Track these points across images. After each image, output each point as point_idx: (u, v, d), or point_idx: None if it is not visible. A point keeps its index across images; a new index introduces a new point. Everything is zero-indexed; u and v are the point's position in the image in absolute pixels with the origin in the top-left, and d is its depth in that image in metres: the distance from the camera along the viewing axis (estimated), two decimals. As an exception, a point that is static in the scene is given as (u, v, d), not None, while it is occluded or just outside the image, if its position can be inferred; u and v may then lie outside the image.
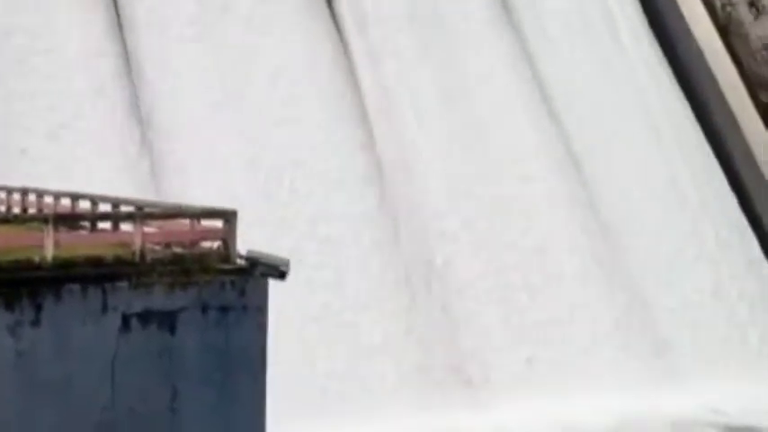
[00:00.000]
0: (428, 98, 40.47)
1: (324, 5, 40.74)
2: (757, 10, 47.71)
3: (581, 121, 42.76)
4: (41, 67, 35.53)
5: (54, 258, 19.34)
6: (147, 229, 20.65)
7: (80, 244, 20.66)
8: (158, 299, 19.60)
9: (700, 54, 46.59)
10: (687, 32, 46.80)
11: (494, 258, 38.55)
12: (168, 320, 19.63)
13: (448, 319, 36.94)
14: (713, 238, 43.07)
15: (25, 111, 34.68)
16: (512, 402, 35.25)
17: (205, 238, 21.04)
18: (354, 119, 39.00)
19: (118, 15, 37.42)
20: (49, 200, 25.94)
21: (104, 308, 19.26)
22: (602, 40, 45.35)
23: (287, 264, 20.36)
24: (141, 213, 21.32)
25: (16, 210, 26.99)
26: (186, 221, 21.40)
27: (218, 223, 21.01)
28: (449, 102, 40.83)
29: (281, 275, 20.38)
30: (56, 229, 19.69)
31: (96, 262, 19.61)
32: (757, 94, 46.98)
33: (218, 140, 36.55)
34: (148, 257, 19.98)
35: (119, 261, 19.80)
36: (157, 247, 20.78)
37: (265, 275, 20.36)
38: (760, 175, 45.09)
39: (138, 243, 20.05)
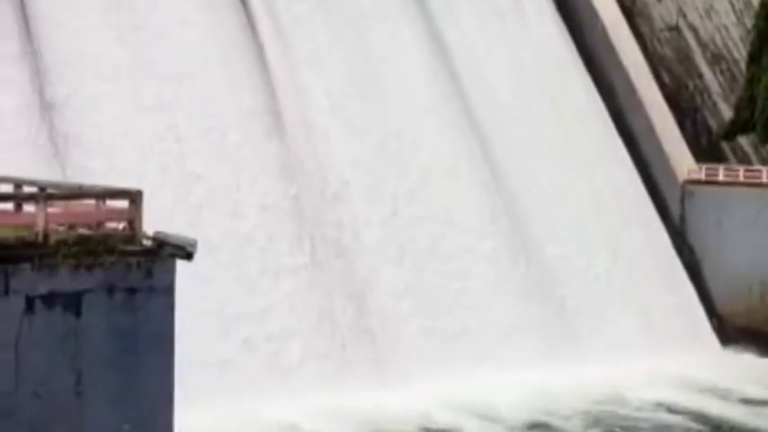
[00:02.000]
0: (338, 82, 40.43)
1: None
2: (661, -9, 48.47)
3: (487, 100, 43.13)
4: None
5: (-45, 240, 18.98)
6: (50, 210, 20.32)
7: (-18, 225, 20.25)
8: (63, 280, 19.31)
9: (605, 35, 47.14)
10: (593, 13, 47.31)
11: (403, 240, 38.83)
12: (73, 302, 19.35)
13: (357, 298, 37.08)
14: (616, 211, 43.98)
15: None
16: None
17: (110, 219, 20.76)
18: (264, 102, 38.79)
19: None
20: (-51, 180, 25.39)
21: (7, 290, 18.92)
22: (508, 21, 45.70)
23: (194, 244, 20.18)
24: (44, 194, 20.97)
25: None
26: (91, 202, 21.10)
27: (124, 203, 20.73)
28: (359, 86, 40.84)
29: (189, 256, 20.21)
30: (-44, 210, 19.31)
31: (-2, 243, 19.27)
32: (660, 74, 47.73)
33: (122, 118, 36.05)
34: (52, 239, 19.65)
35: (21, 243, 19.45)
36: (62, 228, 20.46)
37: (173, 256, 20.17)
38: (662, 151, 45.86)
39: (41, 224, 19.70)
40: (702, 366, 39.90)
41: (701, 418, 35.17)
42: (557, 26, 47.04)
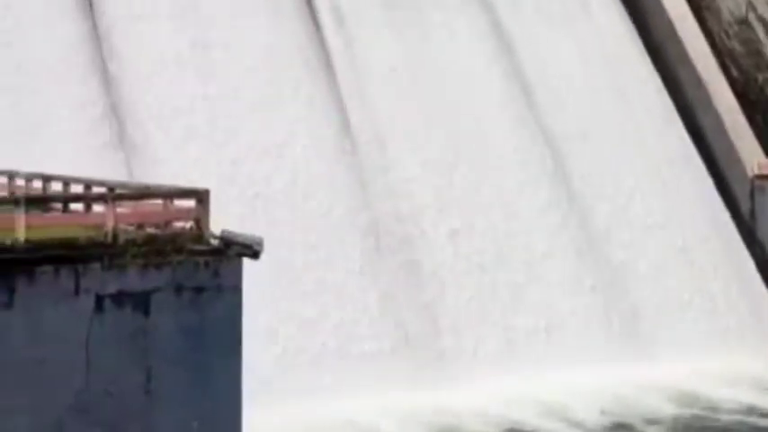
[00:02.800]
0: (402, 76, 40.43)
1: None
2: (729, -16, 47.86)
3: (552, 95, 42.87)
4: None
5: (26, 240, 19.21)
6: (119, 210, 20.54)
7: (52, 226, 20.53)
8: (132, 280, 19.50)
9: (672, 29, 46.67)
10: (659, 6, 46.85)
11: (468, 237, 38.70)
12: (142, 301, 19.54)
13: (423, 293, 37.03)
14: (685, 207, 43.50)
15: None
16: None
17: (178, 218, 20.93)
18: (329, 102, 38.92)
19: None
20: (20, 182, 25.79)
21: (77, 289, 19.15)
22: (573, 15, 45.40)
23: (261, 243, 20.28)
24: (113, 194, 21.21)
25: (-12, 192, 26.81)
26: (159, 201, 21.29)
27: (191, 203, 20.89)
28: (422, 82, 40.83)
29: (255, 255, 20.31)
30: (28, 211, 19.56)
31: (69, 243, 19.49)
32: (729, 68, 47.13)
33: (192, 125, 36.37)
34: (121, 238, 19.86)
35: (91, 242, 19.68)
36: (130, 228, 20.67)
37: (239, 255, 20.28)
38: (731, 146, 45.28)
39: (110, 224, 19.93)
40: None
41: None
42: (622, 20, 46.64)
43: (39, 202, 22.09)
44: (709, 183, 44.81)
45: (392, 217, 37.71)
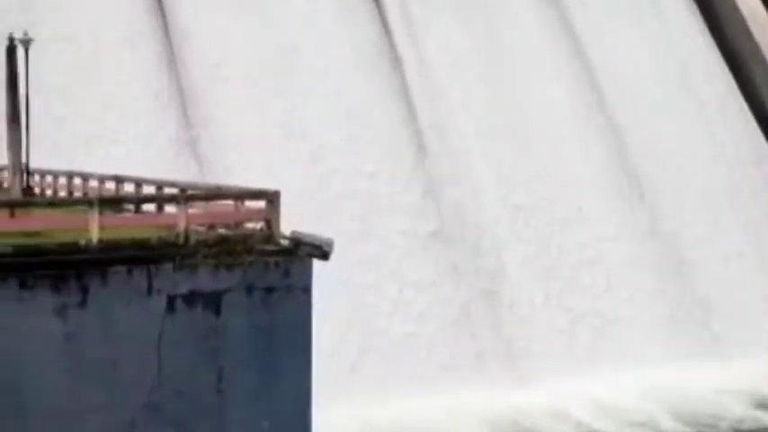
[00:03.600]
0: (470, 72, 40.34)
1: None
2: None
3: (622, 91, 42.53)
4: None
5: (99, 241, 19.44)
6: (191, 211, 20.70)
7: (125, 226, 20.77)
8: (203, 280, 19.64)
9: (744, 25, 46.09)
10: (732, 3, 46.31)
11: (536, 234, 38.51)
12: (213, 301, 19.67)
13: (493, 297, 36.90)
14: (757, 208, 42.91)
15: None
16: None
17: (249, 219, 21.05)
18: (397, 96, 38.94)
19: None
20: (93, 183, 26.11)
21: (150, 290, 19.33)
22: (643, 13, 45.00)
23: (330, 244, 20.31)
24: (185, 195, 21.39)
25: (62, 193, 27.17)
26: (230, 202, 21.43)
27: (262, 204, 21.00)
28: (490, 76, 40.69)
29: (325, 256, 20.35)
30: (101, 211, 19.79)
31: (141, 244, 19.69)
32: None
33: (263, 121, 36.58)
34: (193, 239, 20.02)
35: (163, 243, 19.86)
36: (201, 229, 20.83)
37: (310, 256, 20.33)
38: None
39: (182, 225, 20.09)
40: None
41: None
42: (694, 16, 46.14)
43: (112, 203, 22.33)
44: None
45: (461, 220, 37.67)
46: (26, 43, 25.55)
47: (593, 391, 34.41)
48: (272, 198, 20.85)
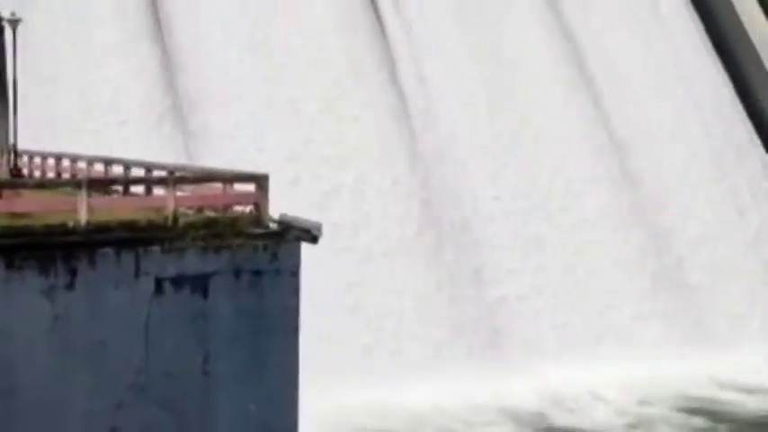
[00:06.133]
0: (468, 75, 40.39)
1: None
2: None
3: (611, 75, 42.59)
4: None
5: (88, 223, 19.42)
6: (179, 194, 20.69)
7: (113, 208, 20.73)
8: (191, 263, 19.64)
9: (735, 16, 46.15)
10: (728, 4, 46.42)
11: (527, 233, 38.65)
12: (201, 284, 19.68)
13: (480, 282, 37.00)
14: (749, 199, 43.04)
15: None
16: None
17: (238, 203, 21.05)
18: (390, 89, 38.99)
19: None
20: (82, 165, 26.08)
21: (137, 272, 19.34)
22: (637, 5, 45.01)
23: (319, 228, 20.33)
24: (174, 177, 21.37)
25: (51, 175, 27.14)
26: (219, 185, 21.43)
27: (251, 187, 21.00)
28: (489, 81, 40.76)
29: (314, 239, 20.37)
30: (89, 193, 19.76)
31: (129, 226, 19.68)
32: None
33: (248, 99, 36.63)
34: (181, 221, 20.01)
35: (152, 225, 19.84)
36: (190, 212, 20.82)
37: (298, 239, 20.34)
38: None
39: (170, 207, 20.08)
40: None
41: None
42: (686, 9, 46.15)
43: (100, 185, 22.30)
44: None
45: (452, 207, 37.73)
46: (14, 24, 25.43)
47: (581, 377, 34.63)
48: (260, 181, 20.84)
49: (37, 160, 27.86)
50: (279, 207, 20.93)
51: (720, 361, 36.67)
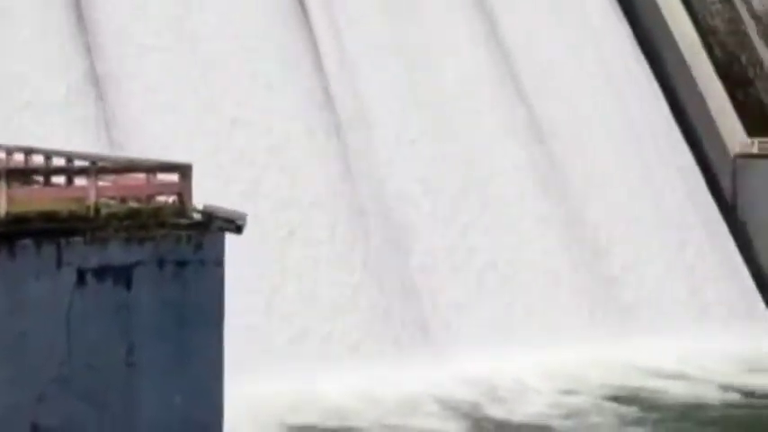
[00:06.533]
0: (394, 73, 40.45)
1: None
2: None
3: (536, 68, 42.95)
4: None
5: (7, 214, 19.13)
6: (101, 184, 20.47)
7: (34, 199, 20.42)
8: (114, 253, 19.43)
9: (656, 8, 46.69)
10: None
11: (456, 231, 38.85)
12: (124, 275, 19.48)
13: (408, 269, 37.13)
14: (667, 186, 43.63)
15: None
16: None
17: (161, 193, 20.86)
18: (315, 82, 38.92)
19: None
20: (1, 154, 25.67)
21: (59, 263, 19.08)
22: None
23: (244, 218, 20.23)
24: (95, 167, 21.10)
25: (-31, 165, 26.67)
26: (141, 176, 21.22)
27: (174, 177, 20.82)
28: (415, 78, 40.86)
29: (238, 229, 20.27)
30: (9, 184, 19.46)
31: (50, 217, 19.39)
32: (712, 47, 47.19)
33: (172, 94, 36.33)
34: (103, 212, 19.77)
35: (73, 216, 19.58)
36: (112, 202, 20.60)
37: (222, 230, 20.23)
38: (713, 125, 45.42)
39: (92, 197, 19.84)
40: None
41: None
42: (612, 7, 46.66)
43: (20, 175, 21.95)
44: (691, 161, 44.97)
45: (378, 198, 37.79)
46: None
47: (509, 368, 34.95)
48: (184, 171, 20.66)
49: (-45, 151, 27.36)
50: (203, 198, 20.82)
51: (644, 348, 37.24)
